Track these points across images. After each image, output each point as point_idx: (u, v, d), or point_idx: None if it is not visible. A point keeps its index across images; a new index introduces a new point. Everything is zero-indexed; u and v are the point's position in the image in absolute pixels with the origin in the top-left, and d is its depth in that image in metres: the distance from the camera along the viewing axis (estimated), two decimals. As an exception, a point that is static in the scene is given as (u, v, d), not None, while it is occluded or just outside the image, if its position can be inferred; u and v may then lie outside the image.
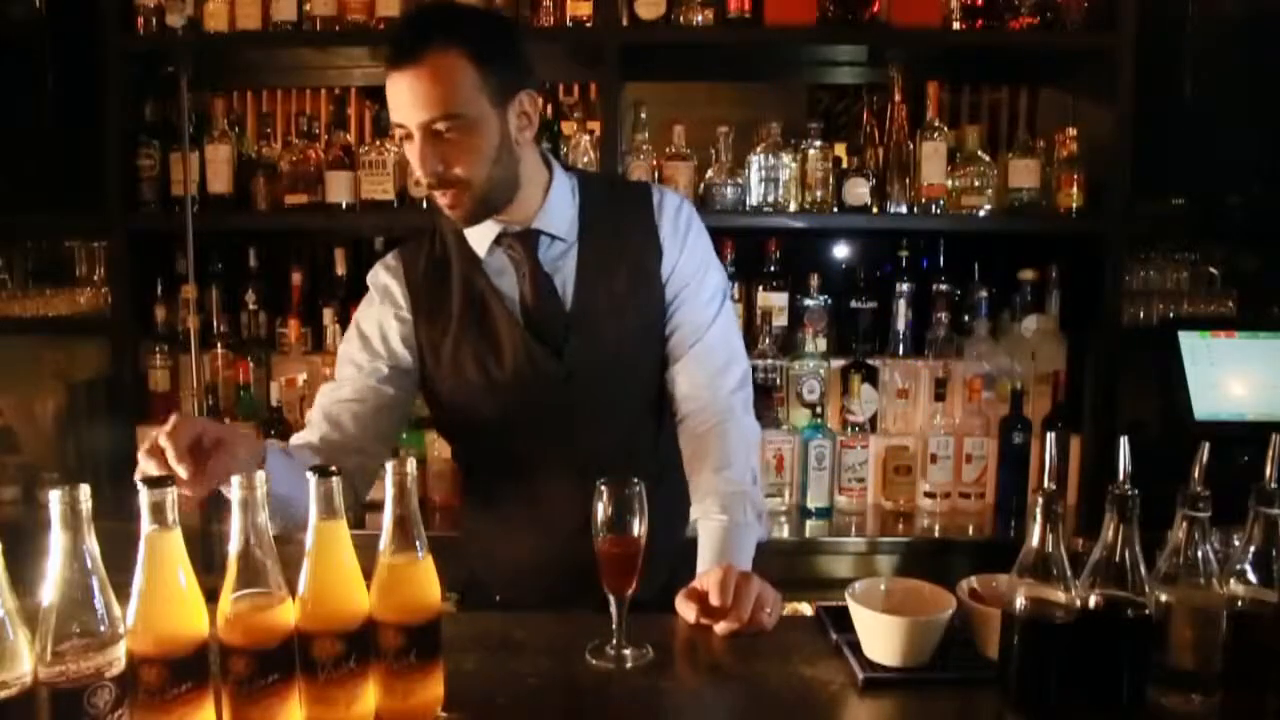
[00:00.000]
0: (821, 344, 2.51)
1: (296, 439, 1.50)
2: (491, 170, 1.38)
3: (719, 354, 1.53)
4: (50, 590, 0.85)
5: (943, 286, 2.59)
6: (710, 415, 1.51)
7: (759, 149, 2.47)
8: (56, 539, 0.86)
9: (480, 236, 1.49)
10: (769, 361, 2.47)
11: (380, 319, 1.52)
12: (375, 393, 1.50)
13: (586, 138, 2.48)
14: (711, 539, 1.42)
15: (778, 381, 2.49)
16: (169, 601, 0.91)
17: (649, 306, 1.52)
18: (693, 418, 1.53)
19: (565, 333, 1.48)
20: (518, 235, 1.48)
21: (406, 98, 1.33)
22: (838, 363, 2.54)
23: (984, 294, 2.56)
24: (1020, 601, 1.03)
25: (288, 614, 0.95)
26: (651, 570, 1.22)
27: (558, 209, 1.50)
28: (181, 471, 1.11)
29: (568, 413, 1.49)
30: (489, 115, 1.36)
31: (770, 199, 2.46)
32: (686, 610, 1.28)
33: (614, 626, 1.19)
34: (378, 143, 2.54)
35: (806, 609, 1.40)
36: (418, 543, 1.01)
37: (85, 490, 0.86)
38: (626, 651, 1.18)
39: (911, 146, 2.47)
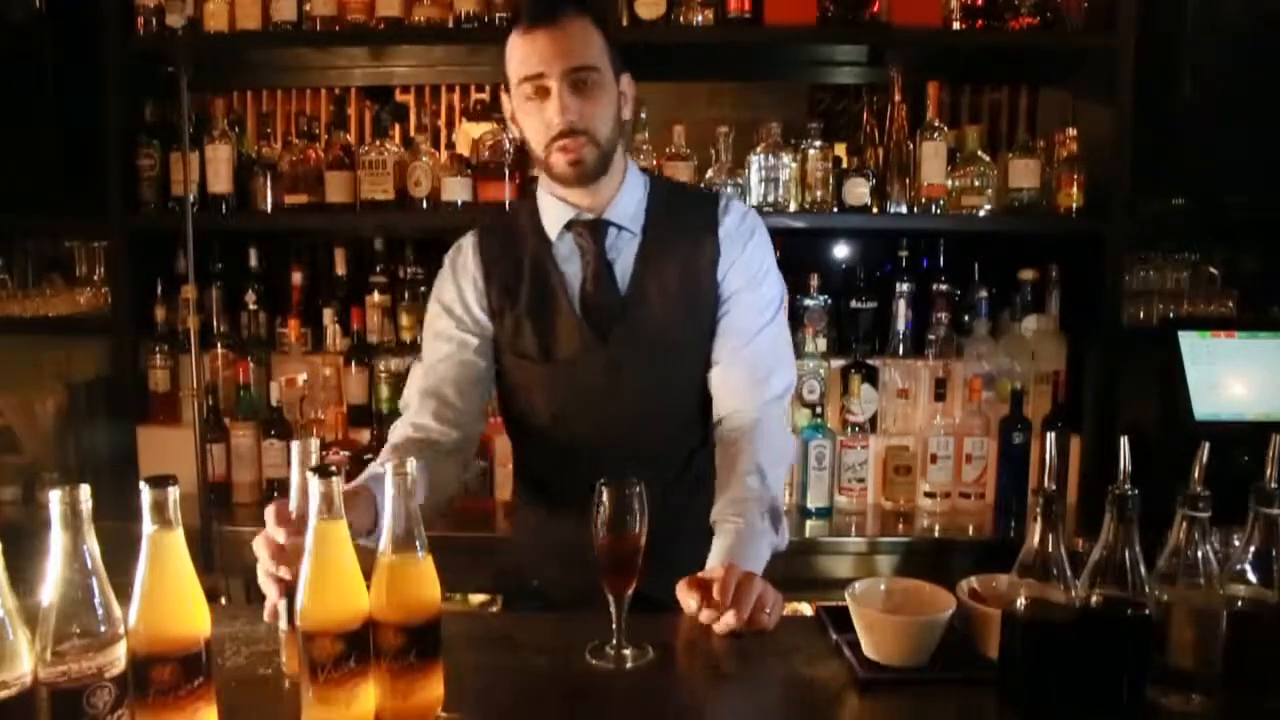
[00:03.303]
0: (821, 344, 2.51)
1: (399, 434, 1.55)
2: (611, 132, 1.48)
3: (763, 362, 1.55)
4: (50, 590, 0.85)
5: (943, 286, 2.58)
6: (745, 421, 1.52)
7: (759, 149, 2.47)
8: (56, 539, 0.85)
9: (554, 220, 1.55)
10: (769, 361, 2.47)
11: (460, 288, 1.59)
12: (469, 366, 1.57)
13: (586, 138, 2.47)
14: (724, 541, 1.42)
15: (778, 381, 2.48)
16: (172, 600, 0.91)
17: (701, 305, 1.55)
18: (728, 421, 1.55)
19: (615, 320, 1.52)
20: (588, 224, 1.54)
21: (550, 50, 1.42)
22: (838, 363, 2.54)
23: (984, 294, 2.56)
24: (1020, 601, 1.03)
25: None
26: (674, 572, 1.25)
27: (628, 201, 1.56)
28: None
29: (614, 402, 1.52)
30: (611, 81, 1.48)
31: (770, 199, 2.46)
32: (687, 598, 1.27)
33: (614, 626, 1.19)
34: (378, 143, 2.54)
35: (806, 609, 1.40)
36: (418, 543, 1.01)
37: (85, 490, 0.86)
38: (626, 651, 1.18)
39: (911, 146, 2.47)
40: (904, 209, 2.47)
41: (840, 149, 2.66)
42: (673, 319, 1.54)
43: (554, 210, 1.55)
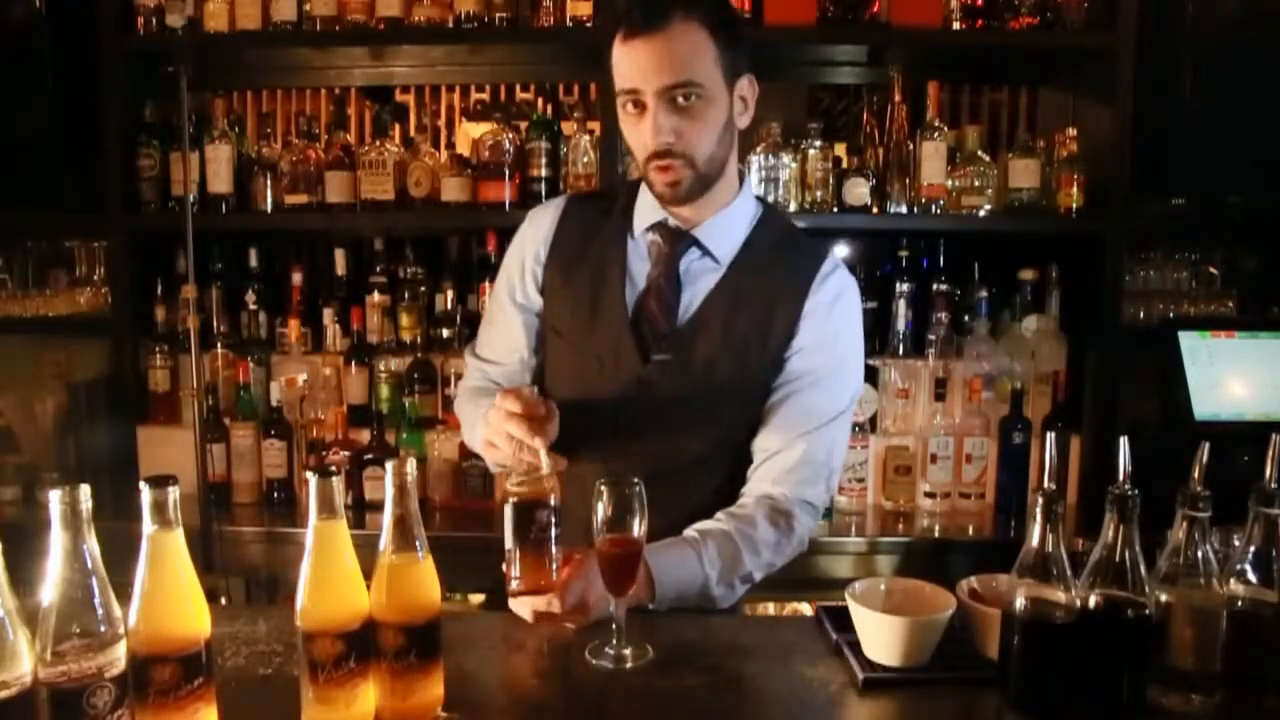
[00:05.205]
0: (821, 344, 2.50)
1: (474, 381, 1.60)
2: (714, 149, 1.38)
3: (809, 467, 1.44)
4: (50, 590, 0.85)
5: (943, 286, 2.58)
6: (765, 505, 1.44)
7: (759, 149, 2.47)
8: (56, 539, 0.86)
9: (645, 214, 1.48)
10: (769, 361, 2.47)
11: (523, 251, 1.55)
12: (531, 326, 1.56)
13: (586, 138, 2.48)
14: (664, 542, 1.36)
15: (778, 381, 2.48)
16: (172, 600, 0.91)
17: (754, 368, 1.45)
18: (749, 496, 1.47)
19: (661, 344, 1.43)
20: (672, 231, 1.45)
21: (647, 63, 1.32)
22: (838, 363, 2.53)
23: (984, 294, 2.56)
24: (1020, 601, 1.03)
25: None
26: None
27: (726, 227, 1.46)
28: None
29: (634, 415, 1.44)
30: (721, 91, 1.36)
31: (770, 199, 2.46)
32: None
33: (614, 626, 1.19)
34: (378, 143, 2.54)
35: (806, 609, 1.40)
36: (418, 543, 1.01)
37: (85, 490, 0.86)
38: (626, 651, 1.18)
39: (911, 146, 2.47)
40: (904, 209, 2.47)
41: (840, 149, 2.66)
42: (721, 367, 1.43)
43: (649, 204, 1.47)
